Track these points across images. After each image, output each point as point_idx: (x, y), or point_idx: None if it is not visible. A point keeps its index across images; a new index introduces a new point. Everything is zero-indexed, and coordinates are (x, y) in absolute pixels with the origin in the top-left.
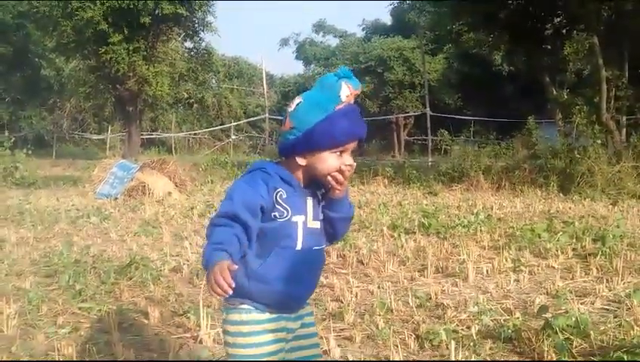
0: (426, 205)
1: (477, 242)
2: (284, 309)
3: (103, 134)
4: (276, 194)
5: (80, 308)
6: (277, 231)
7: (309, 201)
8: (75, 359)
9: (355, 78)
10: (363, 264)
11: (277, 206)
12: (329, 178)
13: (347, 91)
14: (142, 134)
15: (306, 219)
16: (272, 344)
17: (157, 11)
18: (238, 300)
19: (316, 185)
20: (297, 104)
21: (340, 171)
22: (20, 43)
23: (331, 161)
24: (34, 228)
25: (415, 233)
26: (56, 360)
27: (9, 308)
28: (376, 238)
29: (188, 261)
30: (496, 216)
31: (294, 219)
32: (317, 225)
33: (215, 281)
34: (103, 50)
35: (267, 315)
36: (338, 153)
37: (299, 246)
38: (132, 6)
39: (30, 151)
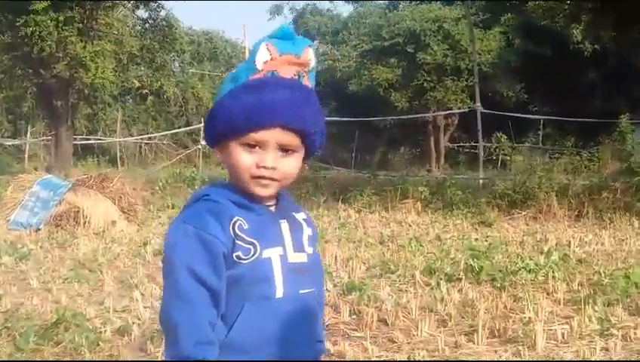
0: (476, 240)
1: (548, 294)
2: None
3: (20, 139)
4: (233, 225)
5: None
6: (244, 277)
7: (284, 226)
8: None
9: (293, 39)
10: (387, 324)
11: (238, 242)
12: (255, 190)
13: (266, 55)
14: (75, 139)
15: (284, 252)
16: None
17: None
18: None
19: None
20: None
21: (259, 176)
22: None
23: (240, 157)
24: None
25: (460, 280)
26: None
27: None
28: (405, 288)
29: (139, 319)
30: (575, 256)
31: (265, 254)
32: (302, 258)
33: None
34: (22, 21)
35: None
36: (251, 146)
37: (279, 293)
38: None
39: None
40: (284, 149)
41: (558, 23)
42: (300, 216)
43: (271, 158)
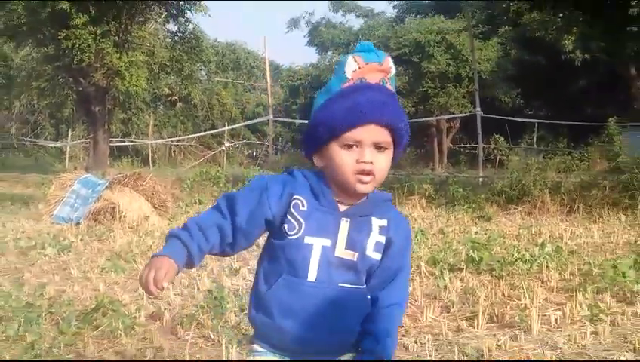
0: (476, 233)
1: (542, 282)
2: (302, 357)
3: (62, 141)
4: (291, 201)
5: None
6: (285, 251)
7: (344, 224)
8: None
9: (374, 51)
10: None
11: (288, 216)
12: (357, 187)
13: (354, 66)
14: (111, 141)
15: (332, 245)
16: None
17: None
18: (253, 339)
19: (374, 209)
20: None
21: (360, 171)
22: None
23: (342, 157)
24: None
25: (462, 270)
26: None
27: None
28: (411, 277)
29: (170, 305)
30: (567, 248)
31: (308, 240)
32: (351, 256)
33: (151, 277)
34: (64, 34)
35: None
36: (349, 146)
37: (311, 277)
38: None
39: None
40: (378, 147)
41: (551, 34)
42: (381, 222)
43: (369, 153)
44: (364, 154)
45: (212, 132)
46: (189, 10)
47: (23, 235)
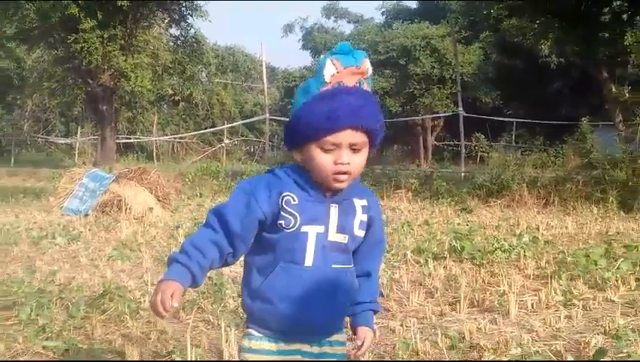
0: (459, 225)
1: (520, 270)
2: (297, 337)
3: (71, 138)
4: (282, 199)
5: (44, 347)
6: (282, 242)
7: (333, 210)
8: None
9: (352, 53)
10: (382, 296)
11: (282, 213)
12: (334, 185)
13: (332, 70)
14: (117, 138)
15: (325, 230)
16: None
17: None
18: (249, 324)
19: (353, 193)
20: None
21: (337, 172)
22: None
23: (321, 158)
24: None
25: (445, 258)
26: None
27: None
28: (398, 265)
29: None
30: (543, 238)
31: (304, 228)
32: (342, 238)
33: (159, 301)
34: (73, 38)
35: (281, 346)
36: (328, 148)
37: (308, 263)
38: None
39: None
40: (354, 148)
41: (529, 39)
42: (361, 202)
43: (345, 155)
44: (342, 156)
45: (212, 130)
46: (191, 15)
47: (34, 226)
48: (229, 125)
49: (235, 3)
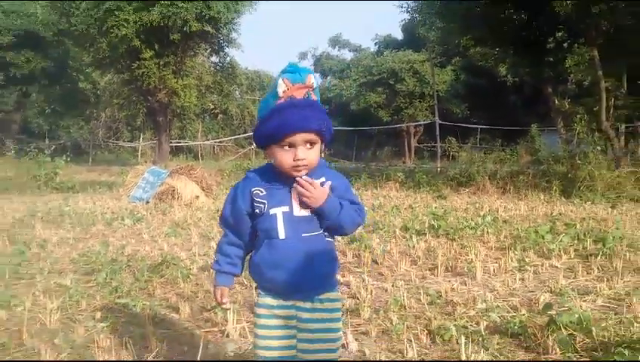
0: (436, 208)
1: (484, 243)
2: (291, 295)
3: (135, 142)
4: (252, 193)
5: (116, 304)
6: (261, 224)
7: (294, 192)
8: (112, 349)
9: (299, 71)
10: (377, 263)
11: (255, 203)
12: (294, 174)
13: (283, 87)
14: (171, 142)
15: (290, 209)
16: (280, 329)
17: (185, 29)
18: (258, 286)
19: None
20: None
21: (295, 166)
22: (59, 58)
23: (281, 156)
24: (73, 230)
25: (425, 234)
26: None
27: (51, 303)
28: (389, 239)
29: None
30: (501, 218)
31: (272, 211)
32: (306, 212)
33: (216, 300)
34: (136, 64)
35: (279, 301)
36: (286, 146)
37: (282, 236)
38: (163, 24)
39: (69, 158)
40: (309, 144)
41: (490, 63)
42: (320, 180)
43: (301, 152)
44: (298, 154)
45: (244, 135)
46: (227, 46)
47: (108, 210)
48: None
49: (261, 37)
